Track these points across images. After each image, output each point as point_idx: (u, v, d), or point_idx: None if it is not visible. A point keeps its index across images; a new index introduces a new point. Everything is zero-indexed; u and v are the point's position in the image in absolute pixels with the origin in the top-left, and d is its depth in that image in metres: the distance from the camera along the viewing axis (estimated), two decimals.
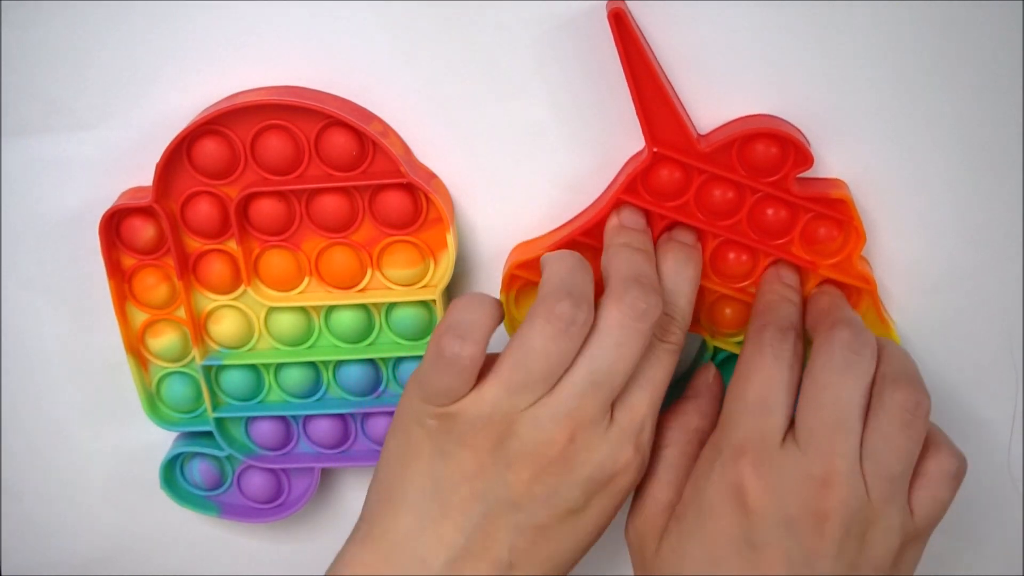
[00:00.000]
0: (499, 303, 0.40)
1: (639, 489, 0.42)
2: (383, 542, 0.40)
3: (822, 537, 0.38)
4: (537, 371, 0.38)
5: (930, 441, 0.40)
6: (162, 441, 0.49)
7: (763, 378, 0.40)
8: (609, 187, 0.43)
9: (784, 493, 0.38)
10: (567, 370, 0.38)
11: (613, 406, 0.40)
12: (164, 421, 0.48)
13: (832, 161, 0.42)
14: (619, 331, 0.38)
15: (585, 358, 0.38)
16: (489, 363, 0.39)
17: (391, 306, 0.46)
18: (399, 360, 0.47)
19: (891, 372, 0.40)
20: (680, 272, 0.42)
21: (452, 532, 0.39)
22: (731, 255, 0.43)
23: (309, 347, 0.47)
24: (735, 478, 0.39)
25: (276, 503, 0.50)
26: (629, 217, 0.42)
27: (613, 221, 0.42)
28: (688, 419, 0.43)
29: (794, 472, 0.39)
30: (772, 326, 0.41)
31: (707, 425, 0.43)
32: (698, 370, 0.45)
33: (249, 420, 0.48)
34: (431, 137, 0.43)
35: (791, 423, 0.40)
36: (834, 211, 0.42)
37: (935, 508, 0.40)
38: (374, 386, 0.47)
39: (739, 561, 0.39)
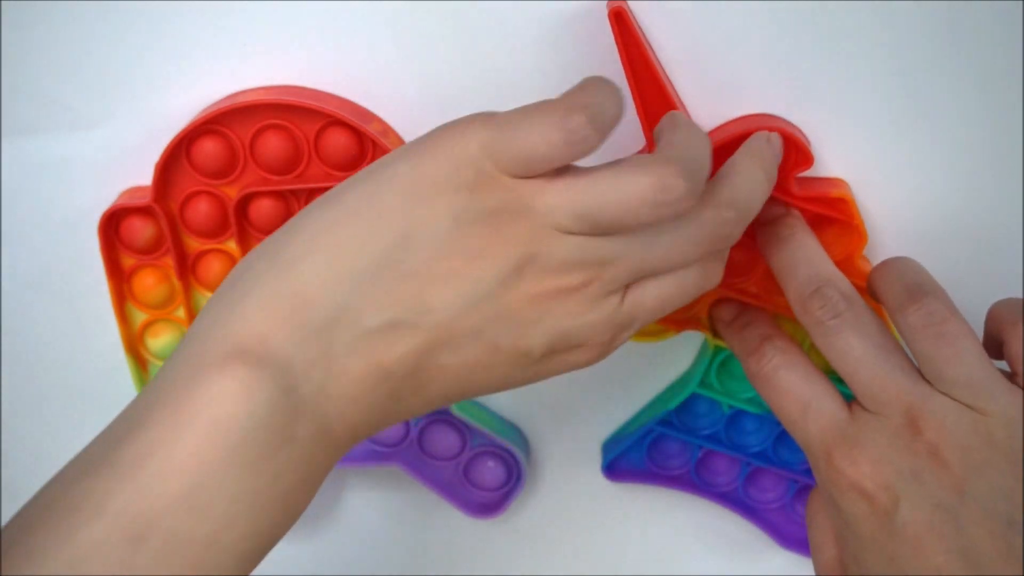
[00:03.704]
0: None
1: (813, 548, 0.41)
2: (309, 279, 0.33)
3: (949, 468, 0.36)
4: (607, 218, 0.34)
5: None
6: None
7: (783, 396, 0.39)
8: None
9: (891, 457, 0.37)
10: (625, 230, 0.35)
11: (626, 291, 0.36)
12: None
13: (832, 161, 0.42)
14: (692, 237, 0.36)
15: (648, 239, 0.35)
16: None
17: None
18: None
19: (893, 299, 0.39)
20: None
21: (415, 303, 0.33)
22: (731, 255, 0.43)
23: None
24: (845, 484, 0.37)
25: None
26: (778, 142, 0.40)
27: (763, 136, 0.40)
28: None
29: (883, 435, 0.37)
30: (754, 353, 0.41)
31: None
32: None
33: None
34: None
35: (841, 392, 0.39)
36: (835, 211, 0.42)
37: None
38: None
39: (895, 546, 0.37)
